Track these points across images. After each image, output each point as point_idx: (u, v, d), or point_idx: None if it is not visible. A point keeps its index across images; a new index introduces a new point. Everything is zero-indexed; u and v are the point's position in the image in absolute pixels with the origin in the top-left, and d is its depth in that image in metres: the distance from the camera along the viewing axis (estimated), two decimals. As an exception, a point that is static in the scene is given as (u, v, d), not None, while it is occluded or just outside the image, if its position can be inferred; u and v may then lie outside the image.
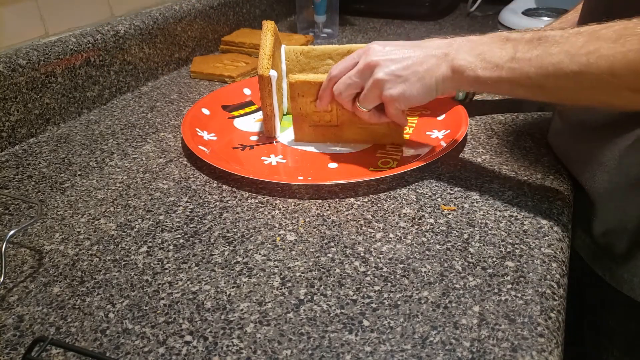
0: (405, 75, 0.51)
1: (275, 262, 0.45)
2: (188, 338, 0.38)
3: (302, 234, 0.49)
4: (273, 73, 0.60)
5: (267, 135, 0.67)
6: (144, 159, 0.63)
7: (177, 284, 0.44)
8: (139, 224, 0.51)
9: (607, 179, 0.52)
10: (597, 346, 0.60)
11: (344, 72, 0.56)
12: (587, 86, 0.42)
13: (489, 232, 0.48)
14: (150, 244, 0.48)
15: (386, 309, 0.40)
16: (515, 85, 0.46)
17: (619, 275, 0.52)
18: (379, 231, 0.49)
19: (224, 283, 0.43)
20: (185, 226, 0.51)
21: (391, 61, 0.52)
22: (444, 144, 0.61)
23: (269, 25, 0.66)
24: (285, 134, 0.68)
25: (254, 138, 0.67)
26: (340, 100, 0.57)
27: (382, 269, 0.44)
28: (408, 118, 0.70)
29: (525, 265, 0.44)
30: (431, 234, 0.48)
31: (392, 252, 0.46)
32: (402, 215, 0.51)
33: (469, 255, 0.45)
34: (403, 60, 0.52)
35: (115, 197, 0.56)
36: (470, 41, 0.49)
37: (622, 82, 0.39)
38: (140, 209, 0.54)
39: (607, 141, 0.52)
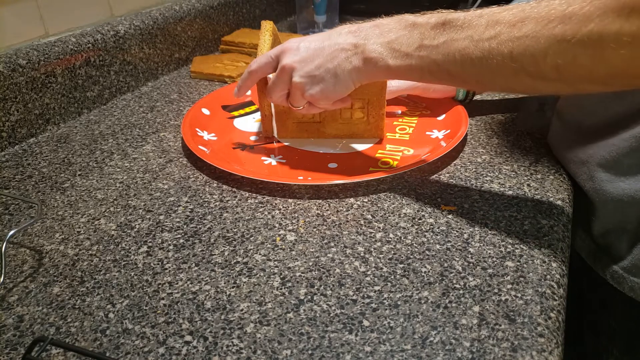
0: (319, 74, 0.52)
1: (275, 262, 0.45)
2: (188, 338, 0.38)
3: (302, 234, 0.49)
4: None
5: (265, 136, 0.67)
6: (144, 159, 0.63)
7: (177, 284, 0.44)
8: (139, 224, 0.51)
9: (606, 180, 0.52)
10: (597, 346, 0.60)
11: (263, 70, 0.57)
12: (491, 71, 0.42)
13: (489, 232, 0.48)
14: (150, 244, 0.48)
15: (386, 309, 0.40)
16: (424, 73, 0.47)
17: (619, 275, 0.53)
18: (379, 231, 0.49)
19: (224, 283, 0.43)
20: (185, 226, 0.51)
21: (304, 62, 0.53)
22: (444, 144, 0.61)
23: (267, 25, 0.66)
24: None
25: (254, 138, 0.67)
26: (275, 102, 0.59)
27: (382, 269, 0.44)
28: (408, 118, 0.70)
29: (525, 265, 0.44)
30: (431, 233, 0.48)
31: (392, 252, 0.46)
32: (402, 215, 0.51)
33: (469, 255, 0.45)
34: (314, 58, 0.52)
35: (115, 197, 0.56)
36: (378, 26, 0.50)
37: (521, 67, 0.40)
38: (140, 209, 0.54)
39: (605, 142, 0.52)
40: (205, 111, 0.71)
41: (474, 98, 0.72)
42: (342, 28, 0.53)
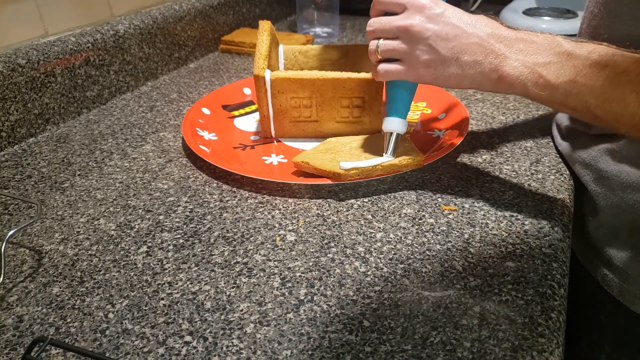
0: (447, 57, 0.46)
1: (275, 262, 0.45)
2: (188, 338, 0.38)
3: (302, 234, 0.49)
4: (268, 73, 0.60)
5: (263, 136, 0.67)
6: (143, 158, 0.63)
7: (176, 284, 0.43)
8: (138, 224, 0.51)
9: (612, 184, 0.52)
10: (590, 342, 0.60)
11: (388, 5, 0.50)
12: None
13: (490, 232, 0.48)
14: (149, 244, 0.48)
15: (386, 309, 0.40)
16: (564, 107, 0.43)
17: (609, 279, 0.53)
18: (380, 231, 0.49)
19: (224, 283, 0.43)
20: (185, 226, 0.51)
21: (439, 36, 0.46)
22: (444, 144, 0.60)
23: (265, 25, 0.66)
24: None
25: (255, 138, 0.67)
26: (371, 37, 0.52)
27: (382, 269, 0.44)
28: (408, 117, 0.70)
29: (525, 266, 0.44)
30: (432, 234, 0.48)
31: (393, 252, 0.46)
32: (402, 215, 0.51)
33: (470, 256, 0.45)
34: (452, 38, 0.46)
35: (114, 197, 0.56)
36: (524, 41, 0.44)
37: None
38: (139, 209, 0.53)
39: (611, 146, 0.52)
40: (206, 111, 0.71)
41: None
42: (485, 18, 0.47)
